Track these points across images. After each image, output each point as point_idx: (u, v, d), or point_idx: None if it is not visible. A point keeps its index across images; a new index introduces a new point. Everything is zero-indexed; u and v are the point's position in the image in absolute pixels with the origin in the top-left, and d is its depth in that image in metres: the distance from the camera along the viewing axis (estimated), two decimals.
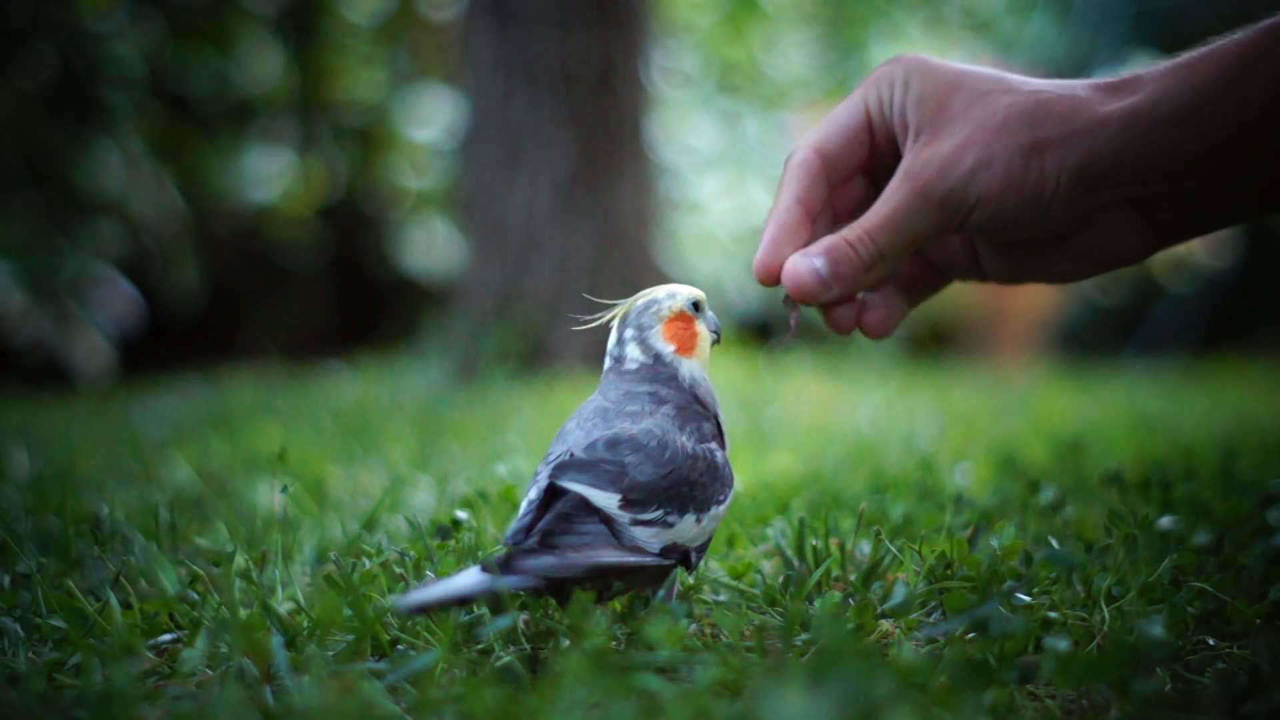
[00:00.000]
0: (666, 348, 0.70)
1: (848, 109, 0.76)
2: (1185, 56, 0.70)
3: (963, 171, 0.71)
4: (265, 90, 3.70)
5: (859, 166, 0.77)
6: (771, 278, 0.75)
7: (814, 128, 0.77)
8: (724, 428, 0.71)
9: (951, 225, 0.72)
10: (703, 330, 0.71)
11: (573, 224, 2.55)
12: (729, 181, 4.30)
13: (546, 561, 0.61)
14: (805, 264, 0.73)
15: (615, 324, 0.71)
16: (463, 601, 0.60)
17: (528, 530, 0.62)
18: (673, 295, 0.70)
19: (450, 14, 3.73)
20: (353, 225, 4.04)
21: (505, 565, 0.60)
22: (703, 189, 4.28)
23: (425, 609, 0.59)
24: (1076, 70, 4.81)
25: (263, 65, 3.68)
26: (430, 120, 3.95)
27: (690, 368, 0.70)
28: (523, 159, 2.56)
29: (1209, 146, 0.69)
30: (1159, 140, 0.69)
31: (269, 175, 3.78)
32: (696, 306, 0.71)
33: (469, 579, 0.59)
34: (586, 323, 0.72)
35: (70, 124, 3.16)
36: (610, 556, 0.62)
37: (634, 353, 0.70)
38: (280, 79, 3.72)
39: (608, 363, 0.71)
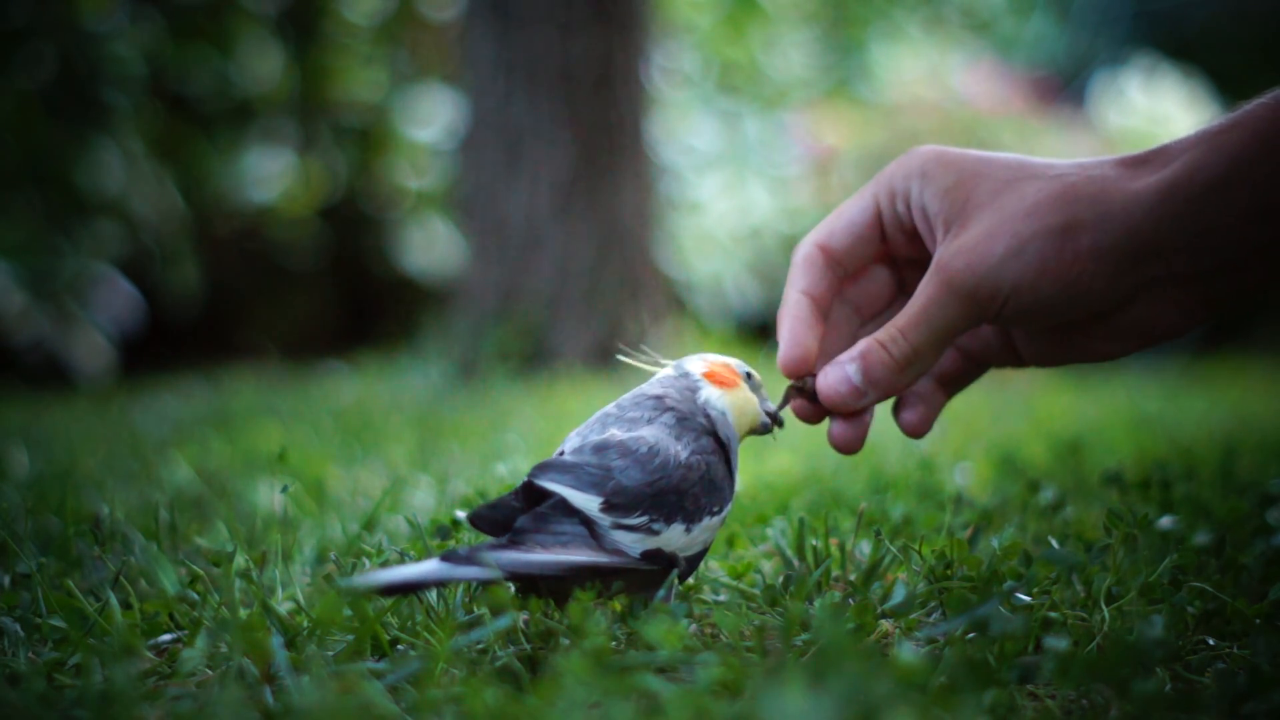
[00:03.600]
0: (697, 369, 0.71)
1: (856, 204, 0.75)
2: (1214, 124, 0.69)
3: (992, 261, 0.69)
4: (265, 90, 3.70)
5: (870, 260, 0.77)
6: (800, 371, 0.74)
7: (821, 221, 0.77)
8: (734, 466, 0.70)
9: (987, 315, 0.71)
10: (747, 391, 0.72)
11: (573, 224, 2.55)
12: (729, 181, 4.30)
13: (510, 557, 0.61)
14: (837, 373, 0.72)
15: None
16: (414, 588, 0.61)
17: (476, 515, 0.64)
18: (729, 362, 0.73)
19: (450, 14, 3.73)
20: (353, 225, 4.04)
21: (469, 557, 0.60)
22: (703, 189, 4.28)
23: (387, 590, 0.60)
24: (1076, 70, 4.81)
25: (263, 65, 3.68)
26: (430, 120, 3.95)
27: (712, 393, 0.70)
28: (523, 159, 2.56)
29: (1250, 214, 0.67)
30: (1198, 212, 0.67)
31: (269, 175, 3.77)
32: (750, 378, 0.73)
33: (427, 566, 0.60)
34: (633, 359, 0.74)
35: (70, 124, 3.16)
36: (583, 557, 0.62)
37: (669, 371, 0.72)
38: (280, 79, 3.72)
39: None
